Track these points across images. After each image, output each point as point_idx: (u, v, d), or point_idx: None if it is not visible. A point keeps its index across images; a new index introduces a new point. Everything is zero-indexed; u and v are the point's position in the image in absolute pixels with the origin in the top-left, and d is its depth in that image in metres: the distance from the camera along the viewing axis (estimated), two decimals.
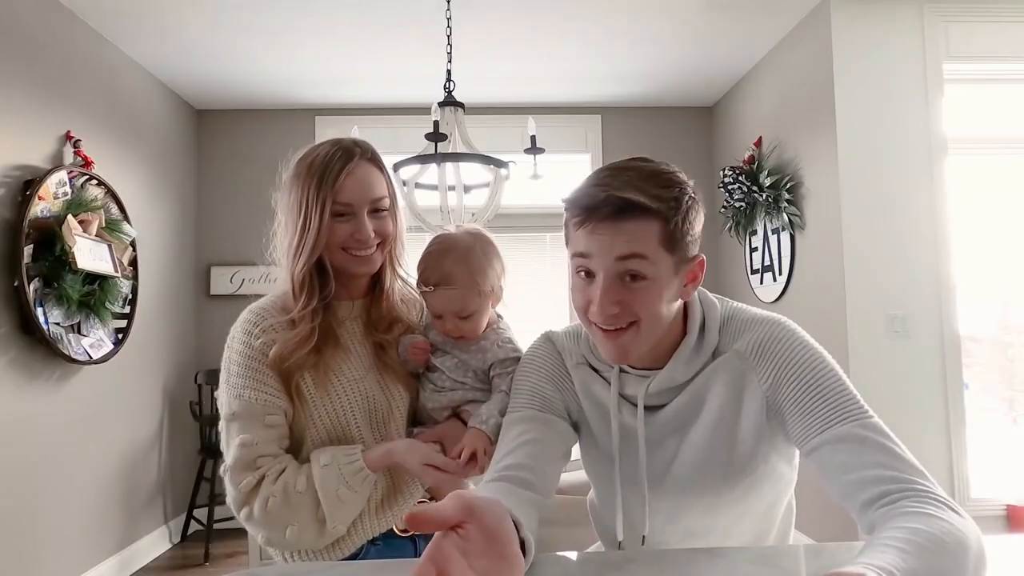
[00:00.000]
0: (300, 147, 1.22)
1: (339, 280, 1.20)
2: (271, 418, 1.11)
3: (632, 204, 0.88)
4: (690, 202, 0.93)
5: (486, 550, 0.63)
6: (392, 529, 1.18)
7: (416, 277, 1.22)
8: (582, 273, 0.94)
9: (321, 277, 1.17)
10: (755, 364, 0.96)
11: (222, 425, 1.14)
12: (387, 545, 1.17)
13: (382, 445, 1.13)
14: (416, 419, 1.24)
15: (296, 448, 1.16)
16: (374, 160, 1.19)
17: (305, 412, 1.14)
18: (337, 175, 1.13)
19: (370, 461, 1.10)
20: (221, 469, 1.14)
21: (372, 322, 1.23)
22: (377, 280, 1.24)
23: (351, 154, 1.15)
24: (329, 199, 1.12)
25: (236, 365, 1.14)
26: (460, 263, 1.16)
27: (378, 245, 1.18)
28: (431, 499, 1.21)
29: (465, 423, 1.17)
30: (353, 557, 1.15)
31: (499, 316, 1.27)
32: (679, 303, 0.99)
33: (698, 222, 0.95)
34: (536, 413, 1.03)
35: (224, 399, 1.14)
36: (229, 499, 1.11)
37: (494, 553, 0.64)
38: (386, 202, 1.18)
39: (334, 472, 1.08)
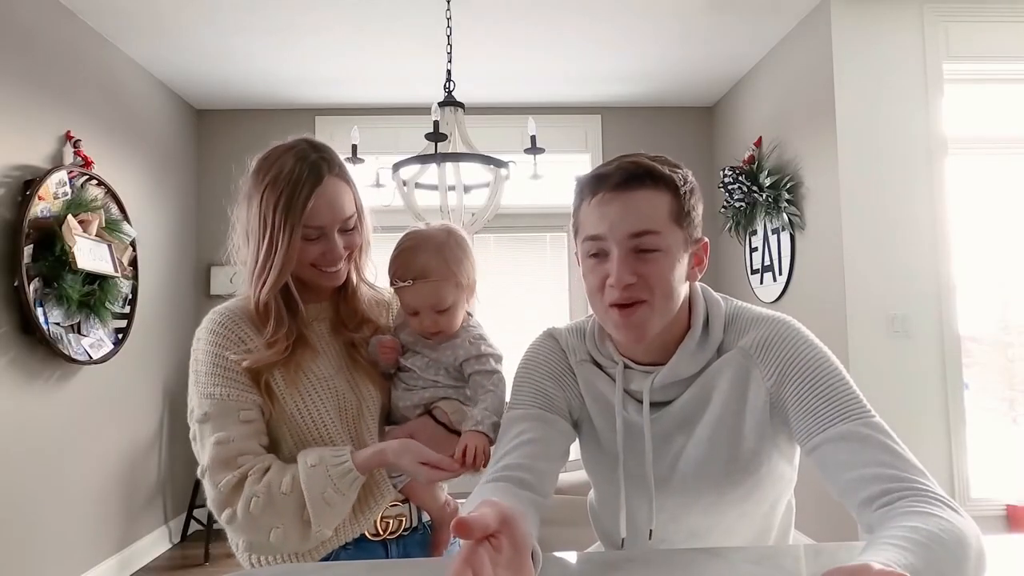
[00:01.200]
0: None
1: (306, 285, 1.17)
2: (246, 413, 1.07)
3: (643, 170, 0.93)
4: (693, 184, 0.98)
5: (511, 561, 0.65)
6: (364, 533, 1.16)
7: (387, 278, 1.20)
8: (594, 255, 0.96)
9: (288, 299, 1.13)
10: (759, 361, 0.97)
11: (193, 431, 1.09)
12: (358, 548, 1.15)
13: (372, 446, 1.10)
14: (390, 418, 1.23)
15: (273, 448, 1.12)
16: (342, 174, 1.15)
17: (277, 411, 1.11)
18: (307, 199, 1.07)
19: (360, 463, 1.06)
20: (198, 472, 1.08)
21: (341, 320, 1.21)
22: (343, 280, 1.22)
23: (319, 174, 1.10)
24: (299, 225, 1.07)
25: (203, 365, 1.09)
26: (436, 255, 1.15)
27: (346, 257, 1.17)
28: (404, 502, 1.20)
29: (436, 419, 1.16)
30: (324, 560, 1.13)
31: (470, 315, 1.26)
32: (687, 287, 1.01)
33: (700, 207, 1.00)
34: (538, 411, 1.03)
35: (195, 401, 1.09)
36: (209, 501, 1.06)
37: (515, 565, 0.66)
38: (354, 219, 1.16)
39: (321, 473, 1.04)
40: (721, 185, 3.76)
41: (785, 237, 3.44)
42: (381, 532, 1.17)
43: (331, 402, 1.14)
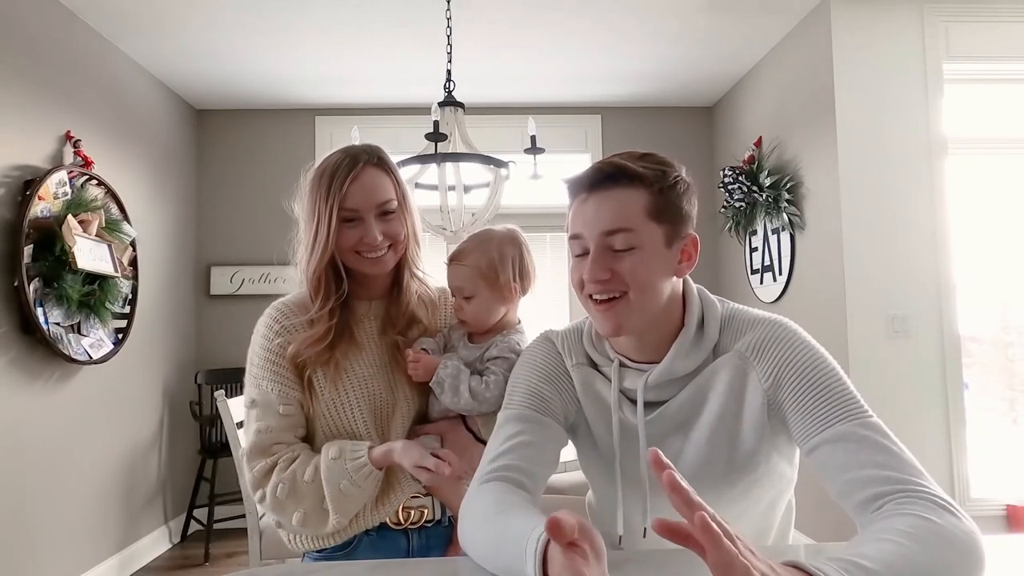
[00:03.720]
0: (300, 147, 1.26)
1: (358, 280, 1.26)
2: (286, 407, 1.18)
3: (619, 169, 0.95)
4: (678, 177, 0.98)
5: (595, 568, 0.69)
6: (386, 522, 1.22)
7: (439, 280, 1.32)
8: (577, 253, 1.00)
9: (336, 278, 1.22)
10: (756, 363, 0.97)
11: (244, 412, 1.22)
12: (380, 537, 1.22)
13: (385, 444, 1.17)
14: (427, 421, 1.27)
15: (310, 439, 1.22)
16: (381, 164, 1.23)
17: (315, 405, 1.20)
18: (343, 182, 1.18)
19: (374, 459, 1.14)
20: (240, 452, 1.21)
21: (390, 321, 1.28)
22: (395, 280, 1.30)
23: (356, 161, 1.20)
24: (336, 205, 1.17)
25: (257, 357, 1.21)
26: (475, 244, 1.25)
27: (390, 246, 1.23)
28: (426, 495, 1.23)
29: (467, 426, 1.21)
30: (347, 545, 1.20)
31: (518, 320, 1.32)
32: (674, 282, 1.01)
33: (688, 200, 0.99)
34: (532, 414, 1.03)
35: (246, 387, 1.23)
36: (246, 481, 1.18)
37: (598, 572, 0.69)
38: (393, 204, 1.22)
39: (340, 466, 1.13)
40: (721, 185, 3.75)
41: (785, 237, 3.44)
42: (402, 521, 1.22)
43: (365, 402, 1.21)
